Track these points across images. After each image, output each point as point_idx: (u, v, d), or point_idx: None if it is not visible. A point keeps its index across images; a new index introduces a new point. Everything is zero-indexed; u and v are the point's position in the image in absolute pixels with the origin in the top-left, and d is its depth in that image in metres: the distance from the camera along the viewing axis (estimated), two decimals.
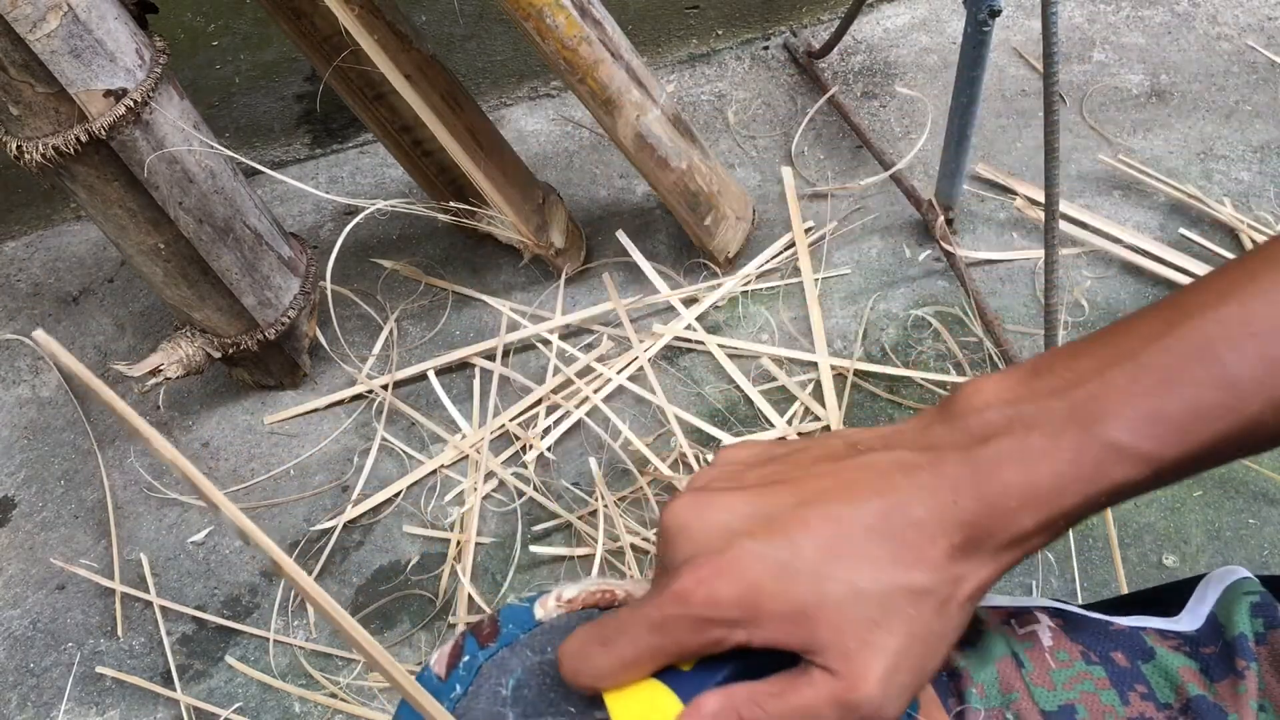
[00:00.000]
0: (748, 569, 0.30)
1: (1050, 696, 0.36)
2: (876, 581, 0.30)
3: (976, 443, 0.31)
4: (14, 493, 1.12)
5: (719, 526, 0.31)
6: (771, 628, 0.30)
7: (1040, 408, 0.31)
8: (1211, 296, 0.31)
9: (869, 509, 0.31)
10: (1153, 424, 0.30)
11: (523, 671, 0.36)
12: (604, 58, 0.96)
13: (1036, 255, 1.14)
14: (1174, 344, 0.30)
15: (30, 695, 0.97)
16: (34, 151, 0.83)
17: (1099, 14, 1.40)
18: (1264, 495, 0.95)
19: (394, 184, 1.34)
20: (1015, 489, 0.30)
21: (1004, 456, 0.31)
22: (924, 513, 0.30)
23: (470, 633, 0.38)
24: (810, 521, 0.31)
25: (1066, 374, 0.32)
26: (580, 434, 1.06)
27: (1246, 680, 0.35)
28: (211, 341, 1.04)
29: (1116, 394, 0.30)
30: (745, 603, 0.30)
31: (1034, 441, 0.30)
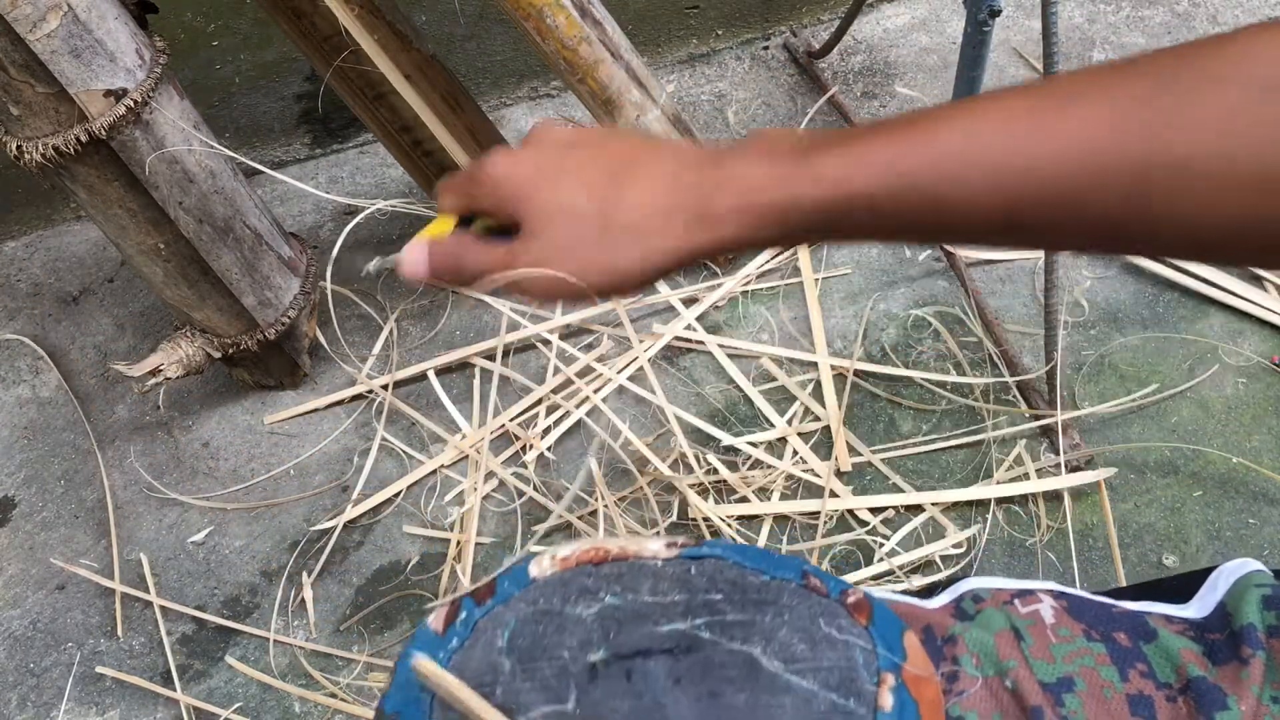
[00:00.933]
0: (520, 163, 0.41)
1: (1049, 669, 0.37)
2: (589, 191, 0.39)
3: (739, 152, 0.38)
4: (14, 493, 1.12)
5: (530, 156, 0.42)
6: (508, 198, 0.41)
7: (789, 146, 0.37)
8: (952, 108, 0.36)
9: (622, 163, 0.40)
10: (847, 159, 0.35)
11: (516, 622, 0.38)
12: (604, 58, 0.96)
13: (1036, 255, 1.14)
14: (900, 122, 0.35)
15: (30, 695, 0.97)
16: (34, 151, 0.83)
17: (1099, 14, 1.40)
18: (1264, 495, 0.95)
19: (394, 184, 1.34)
20: (725, 177, 0.37)
21: (736, 158, 0.38)
22: (665, 170, 0.39)
23: (469, 595, 0.40)
24: (578, 150, 0.41)
25: (827, 134, 0.38)
26: (580, 434, 1.06)
27: (1251, 667, 0.36)
28: (211, 341, 1.04)
29: (833, 144, 0.36)
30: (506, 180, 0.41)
31: (766, 159, 0.37)
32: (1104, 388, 1.04)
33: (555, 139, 0.42)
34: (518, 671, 0.36)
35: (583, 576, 0.40)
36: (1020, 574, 0.92)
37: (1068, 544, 0.93)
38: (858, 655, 0.37)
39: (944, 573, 0.92)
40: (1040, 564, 0.93)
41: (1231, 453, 0.97)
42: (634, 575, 0.40)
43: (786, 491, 0.99)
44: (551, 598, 0.39)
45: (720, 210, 0.37)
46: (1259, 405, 1.01)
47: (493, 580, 0.40)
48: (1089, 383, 1.04)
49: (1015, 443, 1.00)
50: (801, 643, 0.37)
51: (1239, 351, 1.04)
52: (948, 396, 1.04)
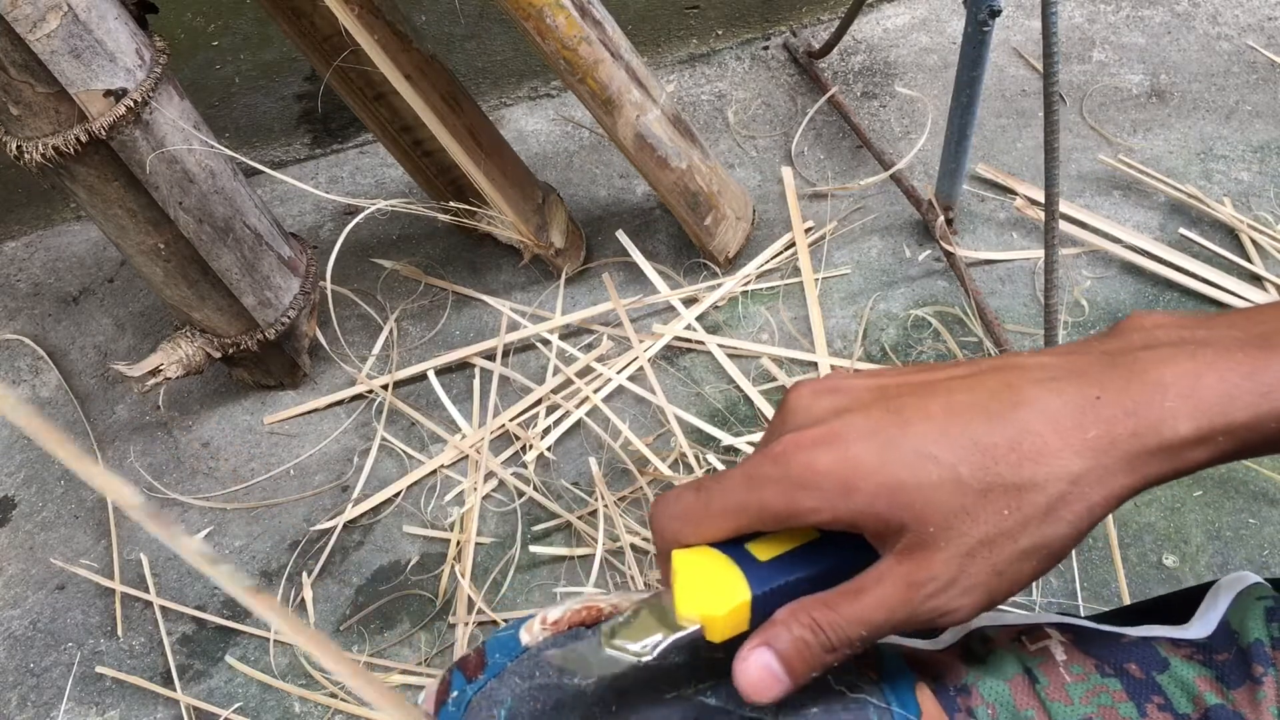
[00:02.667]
0: (850, 442, 0.28)
1: (1067, 711, 0.36)
2: (982, 470, 0.27)
3: (1137, 349, 0.28)
4: (14, 493, 1.12)
5: (834, 405, 0.30)
6: (859, 502, 0.28)
7: (1216, 332, 0.28)
8: None
9: (996, 398, 0.28)
10: None
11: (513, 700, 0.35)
12: (604, 58, 0.96)
13: (1036, 255, 1.14)
14: None
15: (30, 695, 0.97)
16: (34, 151, 0.83)
17: (1099, 14, 1.40)
18: (1264, 495, 0.95)
19: (394, 184, 1.34)
20: (1175, 389, 0.27)
21: (1166, 359, 0.27)
22: (1059, 404, 0.27)
23: (457, 668, 0.37)
24: (929, 405, 0.28)
25: (1237, 314, 0.29)
26: (580, 434, 1.06)
27: (1265, 687, 0.34)
28: (211, 341, 1.04)
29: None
30: (839, 475, 0.28)
31: (1205, 353, 0.27)
32: None
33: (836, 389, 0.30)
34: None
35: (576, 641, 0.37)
36: None
37: None
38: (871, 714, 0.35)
39: None
40: None
41: None
42: None
43: None
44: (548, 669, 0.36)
45: (1181, 437, 0.27)
46: None
47: (481, 650, 0.37)
48: None
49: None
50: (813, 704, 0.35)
51: None
52: None
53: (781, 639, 0.29)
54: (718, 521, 0.30)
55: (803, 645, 0.29)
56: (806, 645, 0.29)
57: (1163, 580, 0.91)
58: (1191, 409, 0.27)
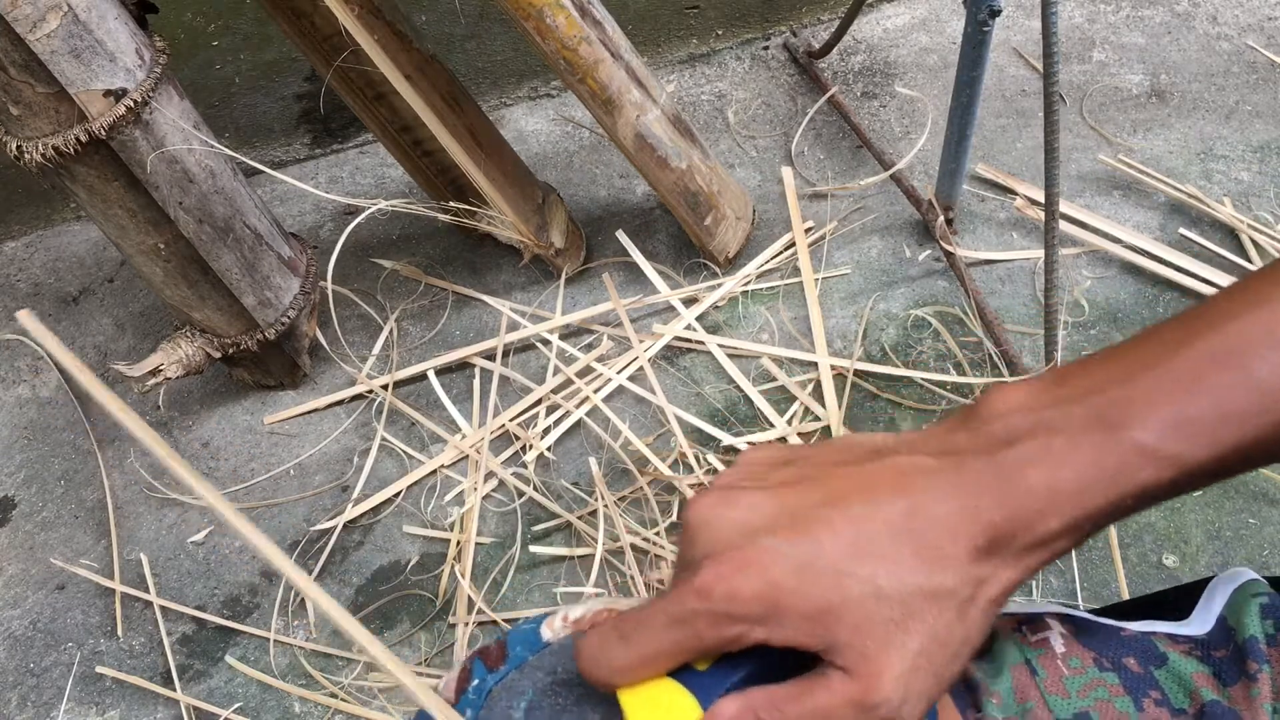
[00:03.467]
0: (769, 566, 0.30)
1: (1065, 705, 0.36)
2: (898, 581, 0.29)
3: (1000, 446, 0.31)
4: (14, 493, 1.12)
5: (741, 524, 0.31)
6: (791, 626, 0.30)
7: (1064, 412, 0.31)
8: (1236, 306, 0.31)
9: (891, 509, 0.30)
10: (1178, 427, 0.30)
11: (534, 692, 0.35)
12: (604, 58, 0.96)
13: (1036, 255, 1.14)
14: (1200, 350, 0.30)
15: (30, 695, 0.97)
16: (34, 151, 0.83)
17: (1099, 14, 1.40)
18: (1264, 495, 0.95)
19: (394, 184, 1.34)
20: (1039, 491, 0.30)
21: (1027, 459, 0.30)
22: (946, 513, 0.30)
23: (478, 657, 0.37)
24: (833, 521, 0.30)
25: (1090, 380, 0.31)
26: (580, 434, 1.06)
27: (1259, 683, 0.35)
28: (211, 341, 1.04)
29: (1141, 398, 0.30)
30: (766, 599, 0.29)
31: (1058, 444, 0.30)
32: None
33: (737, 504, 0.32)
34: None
35: None
36: None
37: None
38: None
39: None
40: None
41: None
42: None
43: None
44: (569, 665, 0.36)
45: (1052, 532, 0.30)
46: None
47: (503, 642, 0.37)
48: None
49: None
50: None
51: None
52: (948, 396, 1.04)
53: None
54: (653, 666, 0.31)
55: None
56: None
57: (1163, 580, 0.91)
58: (1057, 508, 0.30)
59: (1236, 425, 0.30)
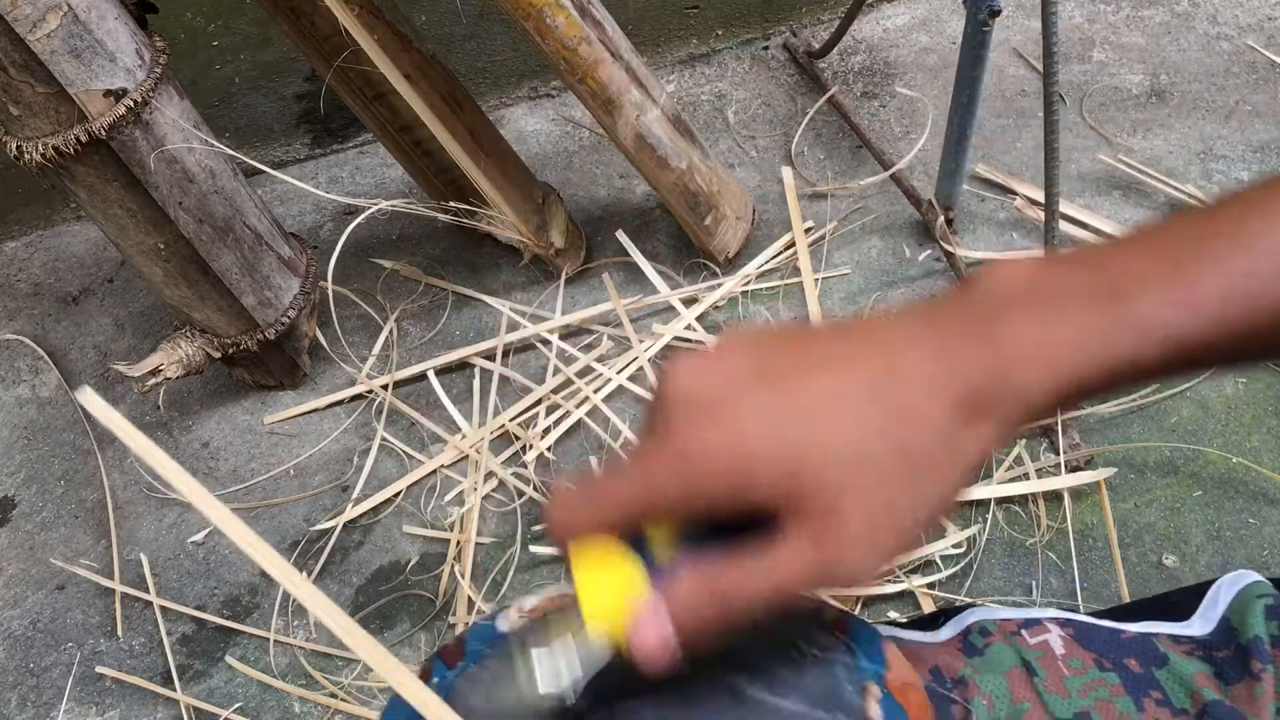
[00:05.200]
0: (743, 424, 0.29)
1: (1064, 704, 0.36)
2: (870, 436, 0.29)
3: (991, 309, 0.30)
4: (14, 493, 1.12)
5: (718, 387, 0.30)
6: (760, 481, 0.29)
7: (1063, 281, 0.30)
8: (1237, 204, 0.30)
9: (870, 366, 0.30)
10: (1178, 302, 0.28)
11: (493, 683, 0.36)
12: (604, 58, 0.96)
13: (1036, 255, 1.14)
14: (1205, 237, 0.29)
15: (30, 695, 0.97)
16: (34, 151, 0.83)
17: (1099, 14, 1.40)
18: (1264, 495, 0.95)
19: (394, 184, 1.34)
20: (1027, 347, 0.29)
21: (1018, 318, 0.29)
22: (925, 373, 0.29)
23: (437, 657, 0.38)
24: (808, 382, 0.30)
25: (1094, 255, 0.30)
26: (580, 434, 1.06)
27: (1263, 682, 0.35)
28: (211, 341, 1.04)
29: (1144, 272, 0.29)
30: (736, 454, 0.29)
31: (1051, 305, 0.29)
32: None
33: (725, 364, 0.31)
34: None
35: None
36: (1020, 574, 0.92)
37: (1068, 544, 0.93)
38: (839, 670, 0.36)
39: (944, 572, 0.92)
40: (1040, 564, 0.93)
41: (1231, 453, 0.97)
42: None
43: None
44: None
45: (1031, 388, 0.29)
46: (1259, 405, 1.01)
47: (460, 639, 0.38)
48: None
49: (1015, 442, 1.00)
50: (783, 666, 0.36)
51: None
52: None
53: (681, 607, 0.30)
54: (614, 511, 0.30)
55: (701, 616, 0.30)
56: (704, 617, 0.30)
57: (1163, 580, 0.91)
58: (1044, 368, 0.29)
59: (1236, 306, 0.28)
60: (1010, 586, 0.92)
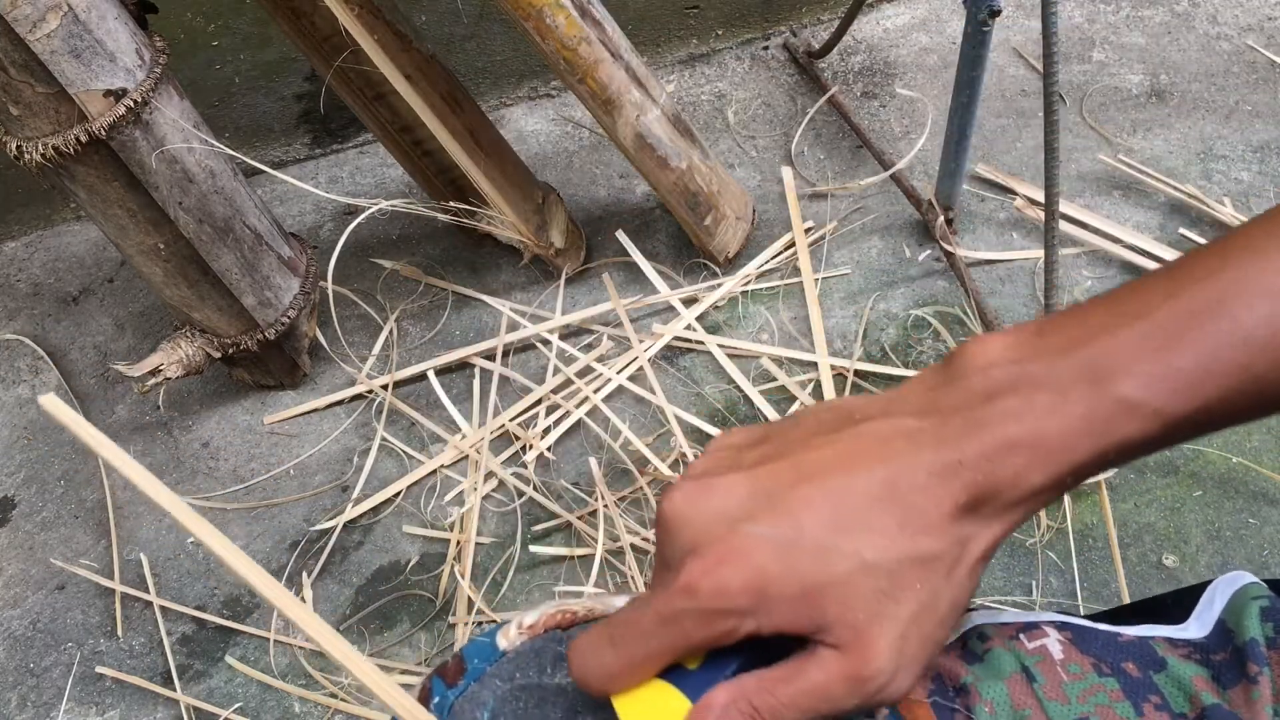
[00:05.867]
0: (752, 554, 0.29)
1: (1064, 710, 0.36)
2: (883, 551, 0.29)
3: (981, 402, 0.30)
4: (14, 493, 1.12)
5: (719, 513, 0.30)
6: (780, 611, 0.29)
7: (1047, 365, 0.30)
8: (1217, 261, 0.31)
9: (871, 478, 0.30)
10: (1163, 379, 0.29)
11: (495, 701, 0.36)
12: (604, 58, 0.96)
13: (1036, 255, 1.14)
14: (1185, 302, 0.30)
15: (30, 695, 0.97)
16: (34, 151, 0.83)
17: (1099, 14, 1.40)
18: (1264, 495, 0.95)
19: (394, 184, 1.34)
20: (1023, 446, 0.29)
21: (1010, 414, 0.30)
22: (927, 476, 0.30)
23: (436, 675, 0.37)
24: (812, 498, 0.30)
25: (1074, 331, 0.31)
26: (580, 434, 1.06)
27: (1260, 686, 0.35)
28: (211, 341, 1.04)
29: (1126, 350, 0.30)
30: (753, 588, 0.29)
31: (1041, 398, 0.30)
32: None
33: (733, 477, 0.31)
34: None
35: (554, 644, 0.37)
36: (1020, 575, 0.92)
37: (1068, 544, 0.93)
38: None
39: None
40: (1040, 564, 0.93)
41: (1231, 453, 0.97)
42: None
43: None
44: (527, 670, 0.37)
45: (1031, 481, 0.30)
46: None
47: (459, 657, 0.38)
48: None
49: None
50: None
51: None
52: None
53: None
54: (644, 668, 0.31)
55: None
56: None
57: (1163, 580, 0.91)
58: (1041, 464, 0.29)
59: (1222, 378, 0.29)
60: (1010, 586, 0.92)
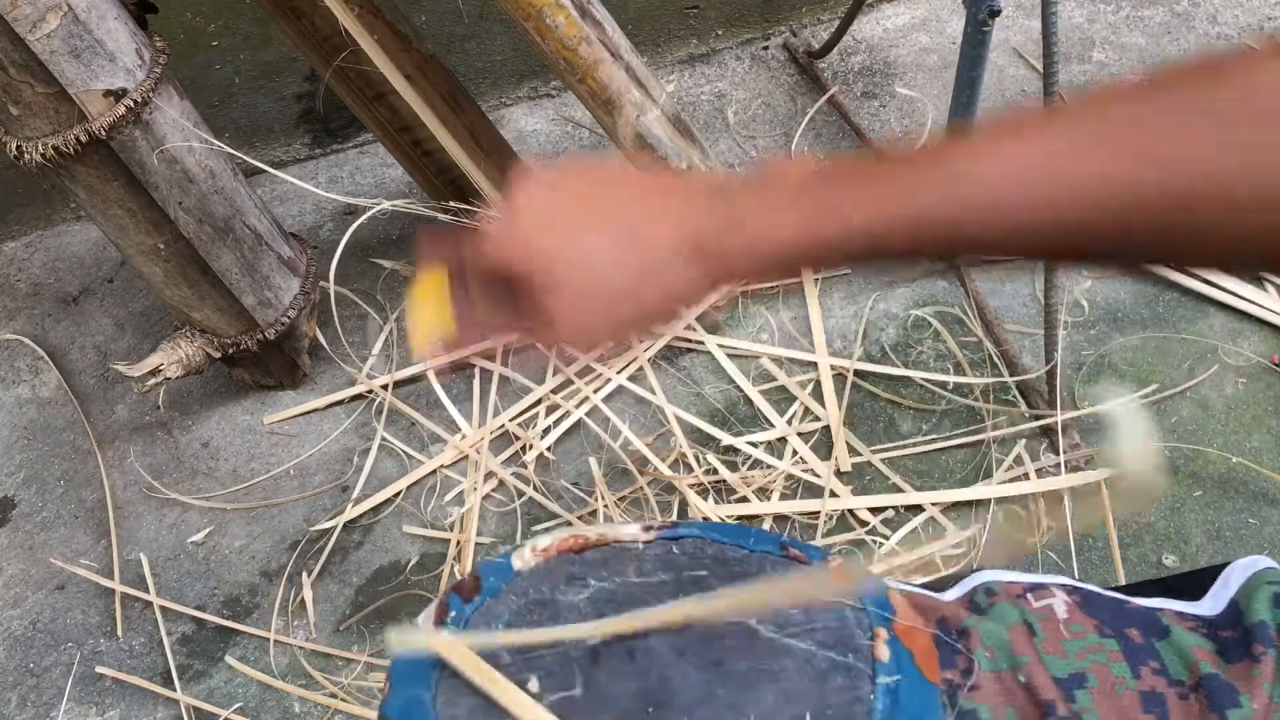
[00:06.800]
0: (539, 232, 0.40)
1: (1061, 664, 0.37)
2: (600, 249, 0.39)
3: (744, 190, 0.38)
4: (14, 493, 1.12)
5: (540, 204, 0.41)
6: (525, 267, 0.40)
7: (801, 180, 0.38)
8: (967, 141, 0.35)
9: (637, 208, 0.40)
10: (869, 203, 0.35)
11: (510, 614, 0.39)
12: (604, 58, 0.96)
13: None
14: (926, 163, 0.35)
15: (30, 695, 0.97)
16: (34, 151, 0.83)
17: (1099, 14, 1.40)
18: (1264, 495, 0.95)
19: (394, 184, 1.34)
20: (752, 220, 0.37)
21: (755, 199, 0.38)
22: (672, 217, 0.39)
23: (453, 591, 0.40)
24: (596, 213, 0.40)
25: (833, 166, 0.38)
26: (580, 434, 1.06)
27: (1262, 665, 0.36)
28: (211, 341, 1.04)
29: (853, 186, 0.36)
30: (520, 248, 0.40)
31: (786, 196, 0.37)
32: (1104, 388, 1.04)
33: (540, 188, 0.42)
34: (519, 662, 0.37)
35: (567, 565, 0.40)
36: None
37: (1068, 544, 0.93)
38: (849, 614, 0.38)
39: (944, 572, 0.92)
40: (1040, 564, 0.93)
41: (1231, 453, 0.97)
42: (618, 560, 0.42)
43: (786, 491, 0.99)
44: (540, 587, 0.40)
45: (746, 249, 0.38)
46: (1259, 405, 1.01)
47: (476, 575, 0.40)
48: (1089, 383, 1.04)
49: (1015, 443, 1.00)
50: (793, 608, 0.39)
51: (1239, 351, 1.04)
52: (948, 396, 1.04)
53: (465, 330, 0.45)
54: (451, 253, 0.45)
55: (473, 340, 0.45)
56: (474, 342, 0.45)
57: None
58: (758, 241, 0.37)
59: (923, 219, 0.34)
60: None
